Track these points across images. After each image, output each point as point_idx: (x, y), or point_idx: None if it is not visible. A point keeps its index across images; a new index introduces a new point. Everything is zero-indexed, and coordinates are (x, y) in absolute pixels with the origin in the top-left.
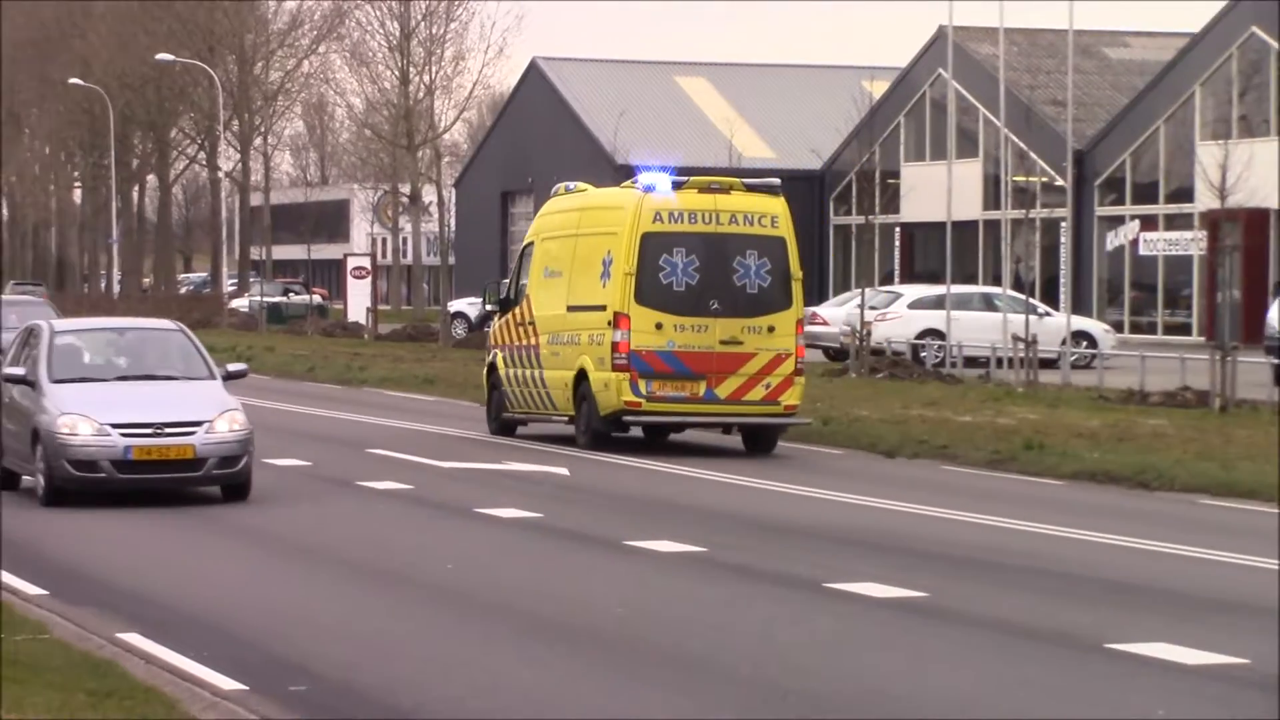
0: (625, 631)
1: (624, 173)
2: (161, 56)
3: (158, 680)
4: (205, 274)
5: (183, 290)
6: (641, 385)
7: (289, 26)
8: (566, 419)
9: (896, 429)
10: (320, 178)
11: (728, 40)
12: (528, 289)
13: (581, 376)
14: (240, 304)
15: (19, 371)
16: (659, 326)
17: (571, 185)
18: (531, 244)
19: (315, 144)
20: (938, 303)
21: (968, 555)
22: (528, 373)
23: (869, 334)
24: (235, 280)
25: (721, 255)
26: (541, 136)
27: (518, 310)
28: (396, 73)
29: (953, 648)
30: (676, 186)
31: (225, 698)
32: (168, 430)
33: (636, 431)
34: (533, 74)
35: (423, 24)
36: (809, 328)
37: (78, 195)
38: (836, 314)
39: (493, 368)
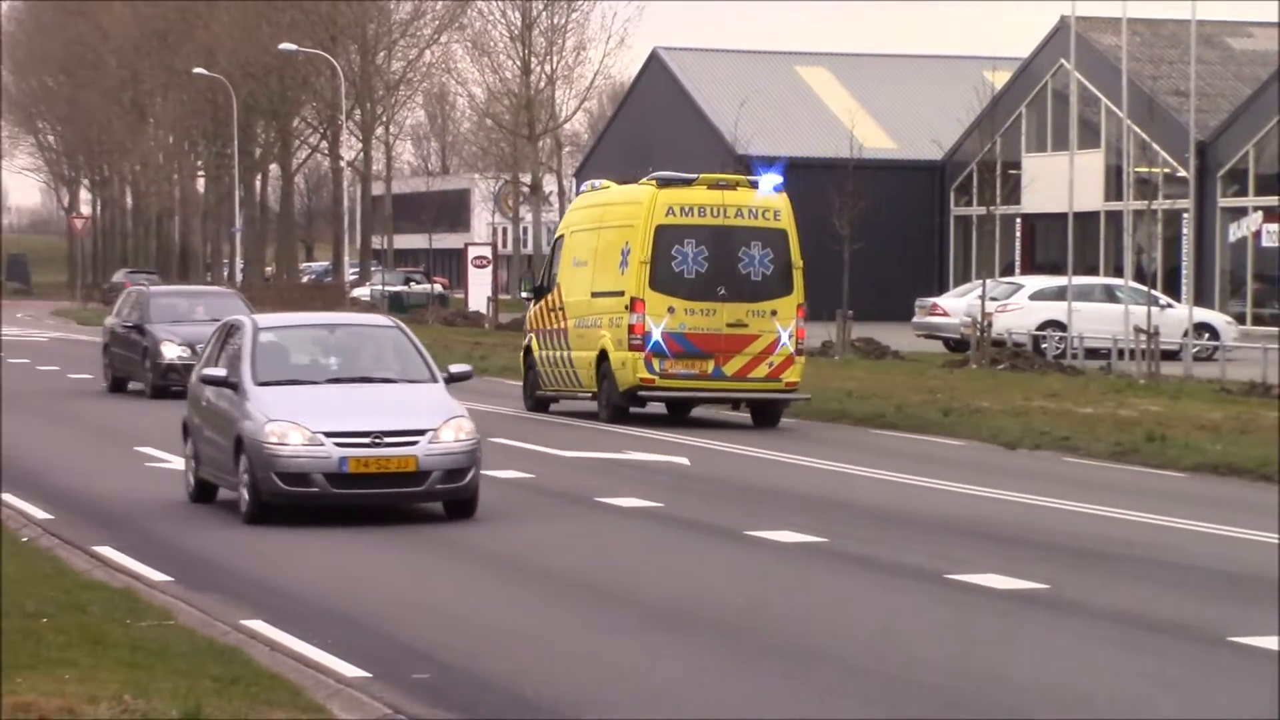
0: (746, 622)
1: (744, 163)
2: (284, 46)
3: (282, 667)
4: (327, 263)
5: (305, 279)
6: (655, 364)
7: (411, 16)
8: (590, 395)
9: (1018, 420)
10: (441, 167)
11: (849, 30)
12: (559, 277)
13: (603, 356)
14: (362, 293)
15: (219, 373)
16: (671, 310)
17: (598, 183)
18: (562, 236)
19: (436, 133)
20: (1059, 294)
21: (1089, 547)
22: (558, 354)
23: (990, 325)
24: (357, 269)
25: (728, 246)
26: (662, 126)
27: (550, 297)
28: (518, 62)
29: (1074, 640)
30: (687, 183)
31: (348, 685)
32: (387, 439)
33: (661, 408)
34: (654, 64)
35: (544, 14)
36: (929, 318)
37: (201, 184)
38: (957, 305)
39: (528, 350)
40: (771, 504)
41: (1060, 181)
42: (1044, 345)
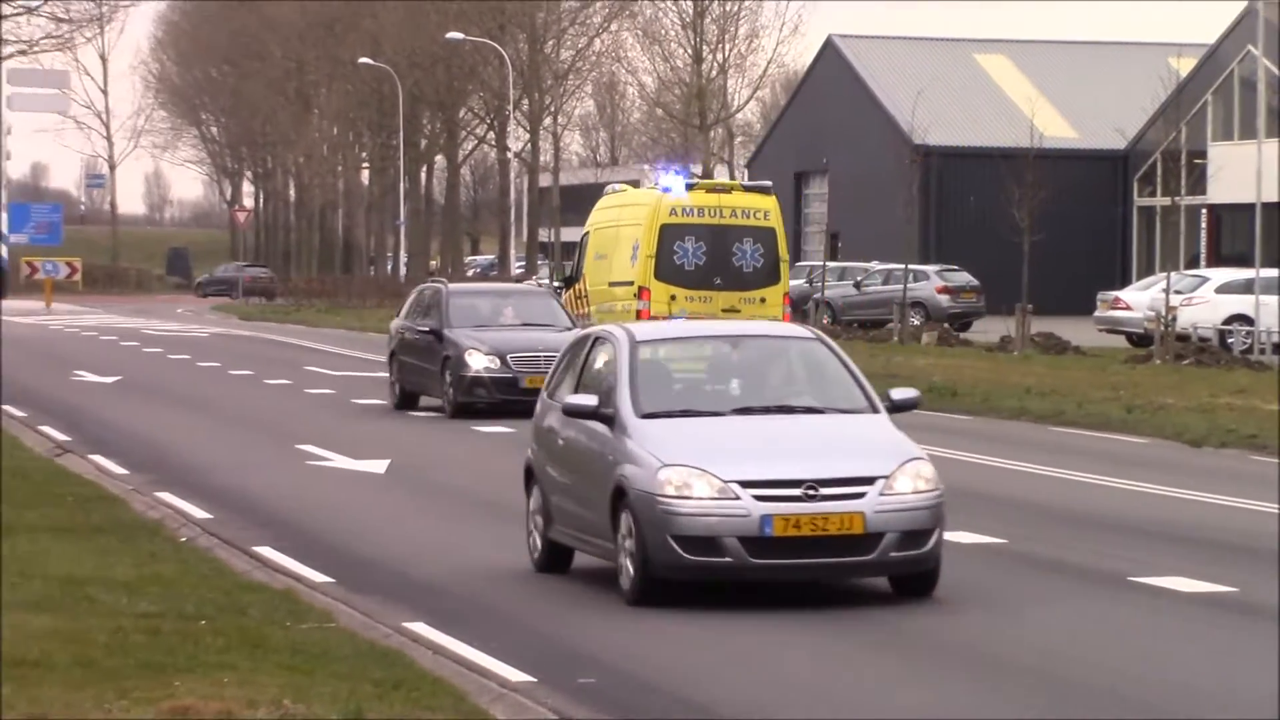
0: (918, 623)
1: (920, 153)
2: (451, 35)
3: (445, 671)
4: (492, 256)
5: (470, 273)
6: None
7: (580, 4)
8: None
9: (1203, 418)
10: (610, 158)
11: (1029, 17)
12: (584, 269)
13: None
14: (528, 286)
15: (588, 402)
16: (673, 298)
17: (616, 187)
18: (588, 234)
19: (605, 124)
20: (1246, 287)
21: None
22: None
23: (1174, 319)
24: (523, 262)
25: (723, 242)
26: (836, 116)
27: (577, 286)
28: (689, 51)
29: (1263, 644)
30: (689, 187)
31: (513, 690)
32: (824, 491)
33: None
34: (828, 52)
35: (716, 1)
36: (1111, 312)
37: (365, 176)
38: (1140, 299)
39: None
40: (951, 504)
41: (1247, 171)
42: (1230, 340)
